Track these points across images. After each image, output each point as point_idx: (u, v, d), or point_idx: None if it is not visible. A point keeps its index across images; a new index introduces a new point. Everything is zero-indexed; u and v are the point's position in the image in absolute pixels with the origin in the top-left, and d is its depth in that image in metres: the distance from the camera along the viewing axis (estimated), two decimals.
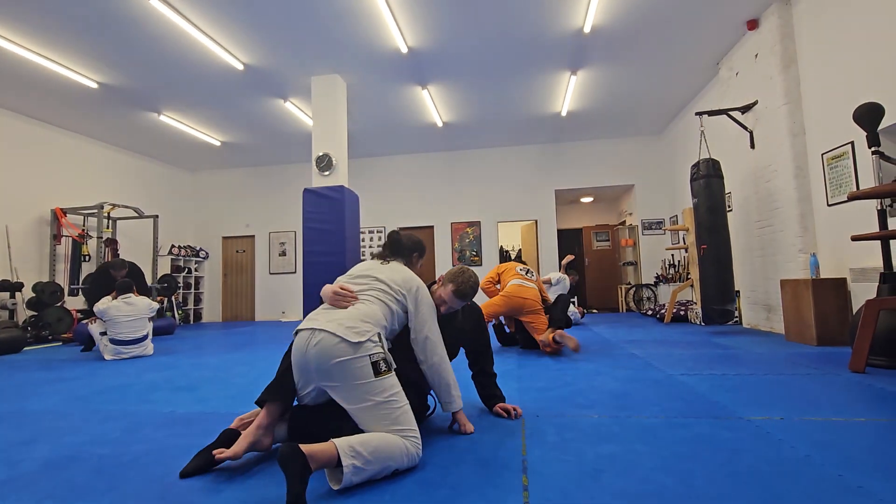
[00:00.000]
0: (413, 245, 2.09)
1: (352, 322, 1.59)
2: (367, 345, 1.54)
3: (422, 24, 4.95)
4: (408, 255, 2.06)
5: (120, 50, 5.21)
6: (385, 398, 1.51)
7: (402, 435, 1.48)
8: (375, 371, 1.52)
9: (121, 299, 4.59)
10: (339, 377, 1.51)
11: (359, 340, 1.53)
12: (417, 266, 2.10)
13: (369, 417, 1.50)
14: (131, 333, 4.48)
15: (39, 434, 2.05)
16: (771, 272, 4.90)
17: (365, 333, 1.56)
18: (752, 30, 5.03)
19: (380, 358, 1.55)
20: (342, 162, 6.14)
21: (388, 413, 1.50)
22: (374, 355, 1.54)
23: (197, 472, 1.52)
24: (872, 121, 3.02)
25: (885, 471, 1.39)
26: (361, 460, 1.36)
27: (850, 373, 2.77)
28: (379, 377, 1.52)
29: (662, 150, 8.75)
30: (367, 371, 1.51)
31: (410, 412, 1.56)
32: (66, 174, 7.36)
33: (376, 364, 1.53)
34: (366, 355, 1.52)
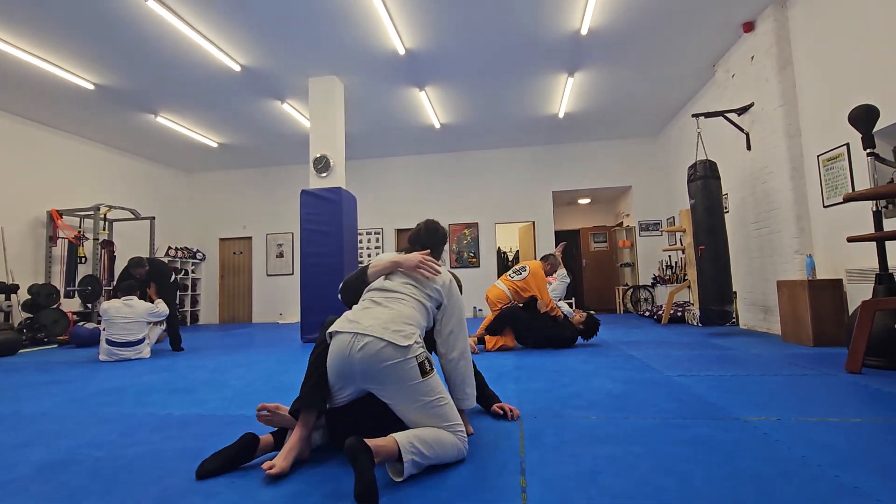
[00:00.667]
0: (444, 236, 2.08)
1: (396, 325, 1.58)
2: (414, 347, 1.55)
3: (419, 26, 4.95)
4: (440, 246, 2.03)
5: (116, 51, 5.20)
6: (433, 398, 1.55)
7: (451, 431, 1.54)
8: (422, 372, 1.54)
9: (122, 300, 4.59)
10: (388, 380, 1.53)
11: (406, 344, 1.53)
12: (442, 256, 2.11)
13: (419, 416, 1.55)
14: (125, 336, 4.45)
15: (35, 437, 2.04)
16: (768, 273, 4.92)
17: (410, 336, 1.57)
18: (748, 32, 5.06)
19: (424, 358, 1.57)
20: (340, 163, 6.13)
21: (437, 411, 1.55)
22: (420, 356, 1.56)
23: (213, 475, 1.51)
24: (867, 123, 3.04)
25: (881, 471, 1.39)
26: (420, 455, 1.42)
27: (847, 373, 2.78)
28: (426, 377, 1.54)
29: (659, 151, 8.78)
30: (415, 373, 1.52)
31: (455, 408, 1.61)
32: (63, 176, 7.33)
33: (422, 365, 1.55)
34: (412, 357, 1.53)
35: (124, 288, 4.73)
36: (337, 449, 1.70)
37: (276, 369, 3.67)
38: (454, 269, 9.19)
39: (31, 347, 5.94)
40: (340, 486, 1.41)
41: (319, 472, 1.53)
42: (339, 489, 1.39)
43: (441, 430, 1.52)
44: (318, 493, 1.37)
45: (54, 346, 6.03)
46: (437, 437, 1.49)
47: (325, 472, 1.53)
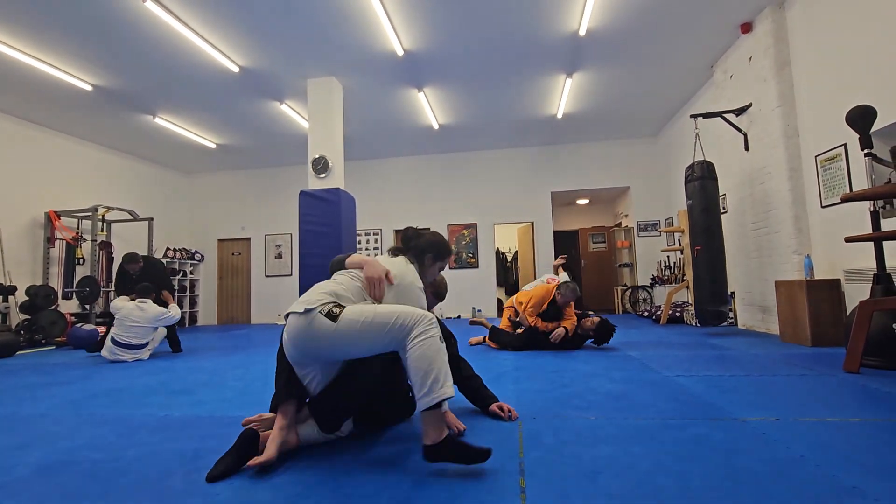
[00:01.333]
0: (428, 245, 1.96)
1: (308, 296, 1.65)
2: (314, 308, 1.58)
3: (417, 27, 4.96)
4: (419, 254, 1.96)
5: (115, 52, 5.19)
6: (362, 322, 1.55)
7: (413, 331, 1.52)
8: (331, 317, 1.55)
9: (136, 303, 4.59)
10: (314, 344, 1.57)
11: (307, 308, 1.58)
12: (432, 268, 1.99)
13: (374, 344, 1.55)
14: (129, 338, 4.45)
15: (33, 439, 2.03)
16: (766, 273, 4.93)
17: (314, 302, 1.60)
18: (745, 33, 5.07)
19: (330, 307, 1.58)
20: (338, 164, 6.13)
21: (378, 327, 1.54)
22: (323, 308, 1.58)
23: (224, 477, 1.50)
24: (865, 123, 3.05)
25: (879, 471, 1.40)
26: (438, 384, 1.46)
27: (845, 373, 2.79)
28: (338, 320, 1.56)
29: (658, 152, 8.80)
30: (325, 323, 1.55)
31: (395, 306, 1.60)
32: (60, 177, 7.32)
33: (329, 314, 1.56)
34: (315, 311, 1.57)
35: (141, 290, 4.70)
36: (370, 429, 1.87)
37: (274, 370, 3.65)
38: (453, 269, 9.20)
39: (29, 349, 5.92)
40: (340, 486, 1.41)
41: (318, 473, 1.53)
42: (339, 490, 1.39)
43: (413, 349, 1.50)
44: (316, 494, 1.37)
45: (52, 348, 6.01)
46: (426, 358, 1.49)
47: (325, 473, 1.53)
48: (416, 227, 2.04)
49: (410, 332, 1.53)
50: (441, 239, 2.02)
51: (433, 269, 2.00)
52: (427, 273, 1.98)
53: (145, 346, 4.59)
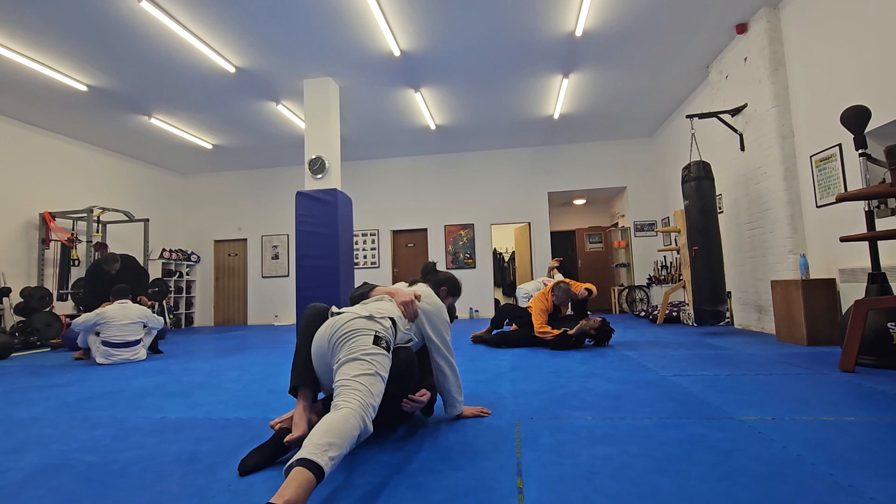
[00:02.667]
0: (445, 279, 2.29)
1: (370, 308, 1.81)
2: (376, 322, 1.71)
3: (414, 27, 4.95)
4: (435, 285, 2.23)
5: (110, 52, 5.16)
6: (363, 354, 1.58)
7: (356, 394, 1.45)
8: (375, 342, 1.64)
9: (117, 304, 4.61)
10: (345, 342, 1.63)
11: (378, 317, 1.73)
12: (444, 301, 2.22)
13: (343, 368, 1.55)
14: (124, 336, 4.45)
15: (27, 442, 2.02)
16: (762, 273, 4.95)
17: (380, 318, 1.74)
18: (741, 33, 5.09)
19: (382, 335, 1.68)
20: (335, 165, 6.12)
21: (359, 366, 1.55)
22: (380, 332, 1.68)
23: (256, 470, 1.57)
24: (859, 123, 3.06)
25: (875, 469, 1.40)
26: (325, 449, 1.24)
27: (840, 372, 2.80)
28: (374, 346, 1.62)
29: (654, 152, 8.82)
30: (367, 340, 1.63)
31: (378, 383, 1.55)
32: (55, 178, 7.28)
33: (377, 337, 1.65)
34: (373, 329, 1.67)
35: (117, 291, 4.72)
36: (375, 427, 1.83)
37: (271, 372, 3.65)
38: (450, 269, 9.19)
39: (24, 351, 5.88)
40: (338, 488, 1.41)
41: None
42: (336, 492, 1.39)
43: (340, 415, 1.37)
44: (315, 496, 1.37)
45: (47, 350, 5.98)
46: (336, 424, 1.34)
47: None
48: (435, 264, 2.41)
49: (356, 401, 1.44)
50: (455, 278, 2.36)
51: (445, 303, 2.21)
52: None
53: (140, 343, 4.60)
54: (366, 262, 9.52)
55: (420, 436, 1.88)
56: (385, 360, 1.63)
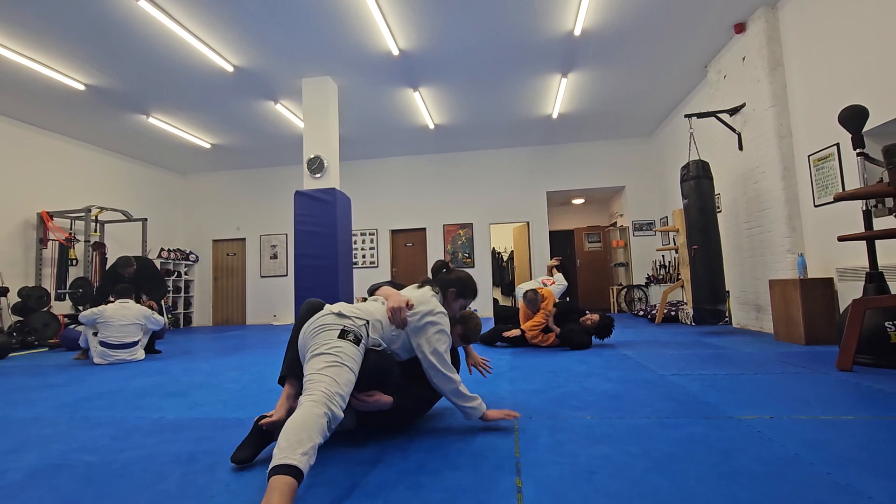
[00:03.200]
0: (454, 280, 2.06)
1: (347, 308, 1.76)
2: (347, 321, 1.69)
3: (413, 27, 4.95)
4: (443, 286, 2.04)
5: (108, 51, 5.15)
6: (328, 349, 1.58)
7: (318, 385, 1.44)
8: (340, 335, 1.63)
9: (118, 303, 4.58)
10: (313, 336, 1.64)
11: (344, 314, 1.70)
12: (454, 303, 2.05)
13: (309, 364, 1.56)
14: (121, 338, 4.43)
15: (26, 442, 2.01)
16: (760, 272, 4.96)
17: (353, 317, 1.72)
18: (739, 33, 5.10)
19: (350, 329, 1.66)
20: (334, 164, 6.12)
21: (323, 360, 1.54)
22: (347, 326, 1.67)
23: (249, 461, 1.62)
24: (857, 123, 3.07)
25: (873, 468, 1.41)
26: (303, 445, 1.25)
27: (838, 371, 2.81)
28: (339, 339, 1.61)
29: (652, 151, 8.83)
30: (331, 335, 1.63)
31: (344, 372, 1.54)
32: (53, 177, 7.26)
33: (343, 331, 1.64)
34: (341, 324, 1.66)
35: (120, 291, 4.69)
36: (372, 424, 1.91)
37: (270, 371, 3.65)
38: None
39: (22, 351, 5.87)
40: (335, 488, 1.41)
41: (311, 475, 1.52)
42: (336, 492, 1.39)
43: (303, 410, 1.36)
44: (310, 496, 1.37)
45: (45, 350, 5.96)
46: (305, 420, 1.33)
47: (318, 474, 1.52)
48: (449, 262, 2.21)
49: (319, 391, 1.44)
50: (468, 277, 2.10)
51: (455, 304, 2.06)
52: (450, 307, 2.04)
53: (137, 344, 4.56)
54: (364, 261, 9.52)
55: (419, 435, 1.89)
56: (352, 349, 1.61)
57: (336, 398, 1.44)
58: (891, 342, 2.86)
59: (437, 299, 1.96)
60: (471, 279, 2.11)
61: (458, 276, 2.08)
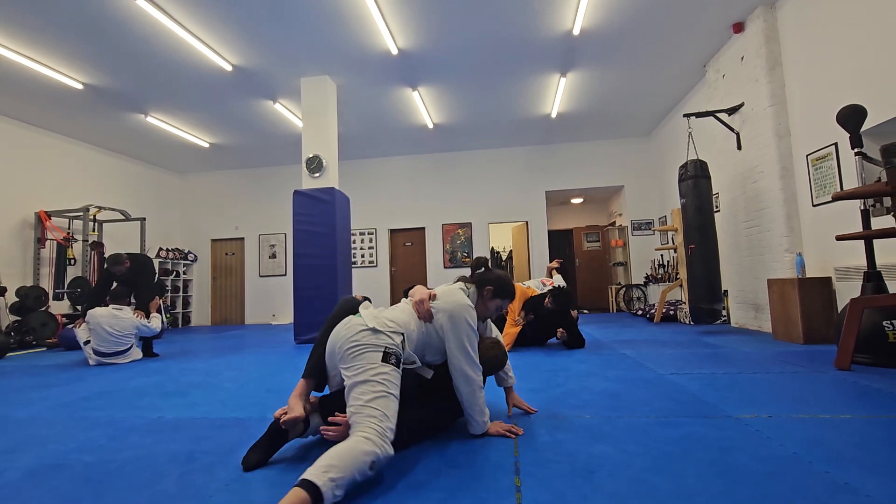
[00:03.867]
0: (493, 278, 1.97)
1: (380, 319, 1.71)
2: (384, 337, 1.63)
3: (412, 26, 4.94)
4: (480, 283, 1.97)
5: (106, 50, 5.14)
6: (373, 375, 1.53)
7: (370, 420, 1.42)
8: (384, 358, 1.58)
9: (111, 308, 4.44)
10: (353, 357, 1.58)
11: (380, 329, 1.64)
12: (490, 302, 1.96)
13: (354, 391, 1.52)
14: (110, 347, 4.33)
15: (24, 442, 2.01)
16: (758, 272, 4.97)
17: (388, 331, 1.66)
18: (737, 33, 5.11)
19: (392, 351, 1.62)
20: (332, 164, 6.11)
21: (370, 389, 1.50)
22: (389, 347, 1.61)
23: (261, 464, 1.61)
24: (855, 122, 3.08)
25: (871, 467, 1.41)
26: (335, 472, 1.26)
27: (836, 370, 2.82)
28: (383, 363, 1.57)
29: (651, 151, 8.84)
30: (374, 357, 1.58)
31: (392, 404, 1.51)
32: (51, 176, 7.24)
33: (386, 353, 1.60)
34: (382, 345, 1.61)
35: (115, 294, 4.52)
36: None
37: (269, 371, 3.64)
38: (448, 268, 9.20)
39: (20, 351, 5.86)
40: None
41: None
42: None
43: (348, 443, 1.36)
44: None
45: (43, 350, 5.95)
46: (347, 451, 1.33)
47: None
48: (488, 260, 2.08)
49: (371, 429, 1.41)
50: (507, 277, 2.04)
51: (491, 304, 1.97)
52: (485, 306, 1.96)
53: (129, 349, 4.46)
54: (363, 261, 9.51)
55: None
56: (395, 375, 1.58)
57: (387, 434, 1.42)
58: (889, 341, 2.86)
59: (466, 293, 1.90)
60: (509, 280, 2.03)
61: (497, 274, 2.00)
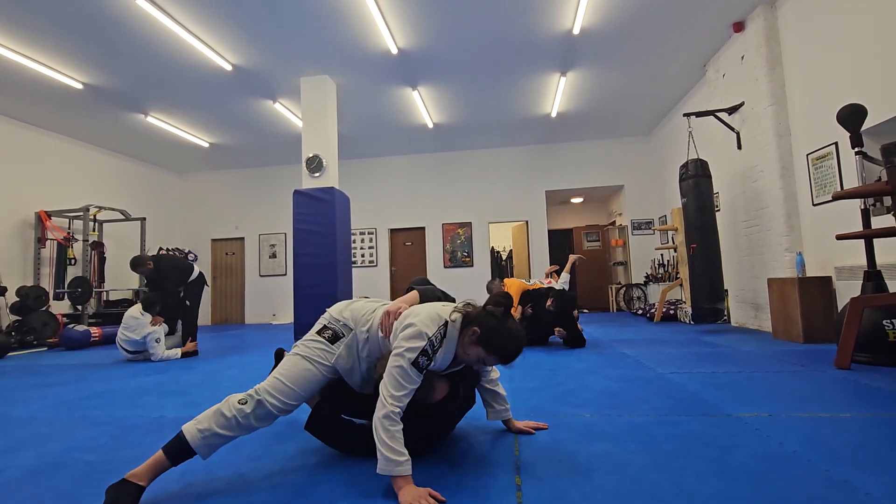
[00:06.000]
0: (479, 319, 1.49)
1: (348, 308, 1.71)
2: (332, 321, 1.67)
3: (412, 25, 4.94)
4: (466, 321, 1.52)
5: (105, 50, 5.13)
6: (303, 342, 1.62)
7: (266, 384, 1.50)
8: (319, 331, 1.64)
9: (138, 310, 4.52)
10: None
11: (336, 316, 1.67)
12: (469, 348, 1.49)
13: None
14: (131, 346, 4.45)
15: (25, 441, 2.01)
16: (758, 271, 4.97)
17: (341, 315, 1.68)
18: (738, 32, 5.10)
19: (331, 327, 1.64)
20: (332, 163, 6.11)
21: (288, 356, 1.58)
22: (329, 323, 1.65)
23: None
24: (855, 122, 3.08)
25: (870, 465, 1.41)
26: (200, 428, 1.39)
27: (836, 369, 2.82)
28: (316, 335, 1.63)
29: (651, 150, 8.84)
30: (313, 331, 1.66)
31: (301, 366, 1.55)
32: (51, 176, 7.24)
33: (324, 328, 1.65)
34: (323, 321, 1.68)
35: (144, 301, 4.56)
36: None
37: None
38: (448, 268, 9.20)
39: (20, 350, 5.86)
40: (335, 486, 1.41)
41: (315, 474, 1.52)
42: (334, 491, 1.39)
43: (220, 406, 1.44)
44: (313, 494, 1.37)
45: (44, 349, 5.95)
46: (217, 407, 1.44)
47: (319, 475, 1.52)
48: (510, 302, 1.53)
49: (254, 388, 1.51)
50: (506, 330, 1.47)
51: (470, 350, 1.49)
52: (464, 350, 1.50)
53: (144, 351, 4.46)
54: (364, 260, 9.52)
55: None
56: (320, 346, 1.59)
57: (262, 393, 1.47)
58: (889, 340, 2.87)
59: (441, 323, 1.47)
60: (511, 335, 1.47)
61: (499, 324, 1.47)
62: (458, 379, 1.72)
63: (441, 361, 1.50)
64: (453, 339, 1.50)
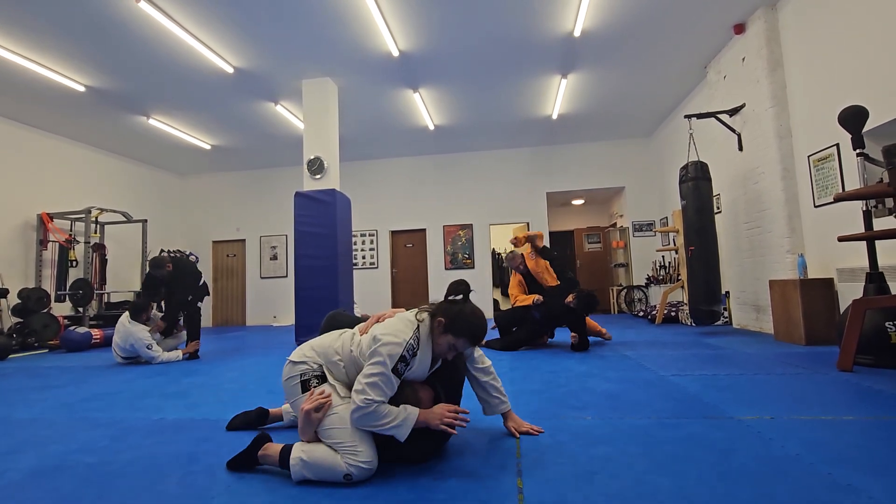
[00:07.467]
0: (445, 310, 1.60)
1: (302, 349, 1.72)
2: (301, 366, 1.65)
3: (413, 28, 4.95)
4: (433, 313, 1.63)
5: (107, 53, 5.15)
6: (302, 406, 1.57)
7: (337, 450, 1.46)
8: (303, 388, 1.61)
9: (125, 318, 4.40)
10: (288, 395, 1.69)
11: (296, 360, 1.67)
12: (440, 338, 1.59)
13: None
14: (122, 352, 4.38)
15: (25, 443, 2.01)
16: (760, 273, 4.96)
17: (305, 358, 1.67)
18: (738, 34, 5.10)
19: (310, 375, 1.63)
20: (334, 165, 6.12)
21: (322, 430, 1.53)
22: (305, 374, 1.63)
23: (240, 429, 2.05)
24: (857, 123, 3.07)
25: (873, 468, 1.41)
26: (303, 460, 1.47)
27: (838, 371, 2.81)
28: (306, 393, 1.60)
29: (652, 152, 8.83)
30: (296, 390, 1.63)
31: (344, 431, 1.48)
32: (53, 178, 7.25)
33: (305, 382, 1.61)
34: (297, 374, 1.64)
35: (132, 308, 4.48)
36: None
37: (270, 372, 3.64)
38: (449, 269, 9.20)
39: (22, 352, 5.86)
40: (336, 488, 1.41)
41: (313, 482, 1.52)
42: (335, 493, 1.38)
43: (330, 450, 1.47)
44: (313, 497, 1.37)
45: (45, 351, 5.96)
46: (323, 454, 1.46)
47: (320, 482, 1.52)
48: (466, 287, 1.67)
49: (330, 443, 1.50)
50: (466, 312, 1.58)
51: (441, 341, 1.58)
52: (437, 343, 1.59)
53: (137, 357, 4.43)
54: (364, 262, 9.52)
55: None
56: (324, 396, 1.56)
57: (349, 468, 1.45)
58: (891, 342, 2.86)
59: (414, 327, 1.57)
60: (469, 313, 1.59)
61: (458, 308, 1.59)
62: (438, 386, 1.72)
63: (423, 364, 1.60)
64: (427, 337, 1.60)
